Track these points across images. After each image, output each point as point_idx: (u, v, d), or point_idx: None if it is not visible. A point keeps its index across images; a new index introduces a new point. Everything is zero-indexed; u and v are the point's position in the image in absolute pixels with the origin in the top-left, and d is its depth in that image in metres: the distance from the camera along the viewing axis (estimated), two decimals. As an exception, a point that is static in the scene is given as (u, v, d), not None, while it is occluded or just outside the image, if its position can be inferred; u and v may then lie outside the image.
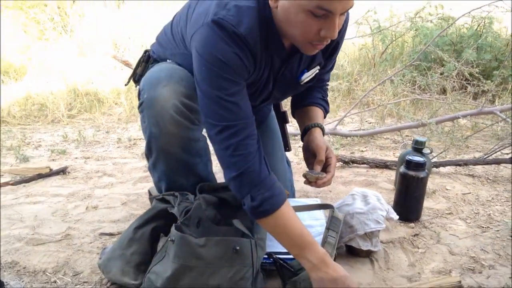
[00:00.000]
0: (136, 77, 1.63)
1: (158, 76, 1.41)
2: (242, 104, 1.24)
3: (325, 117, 1.68)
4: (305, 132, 1.56)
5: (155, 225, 1.42)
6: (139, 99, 1.47)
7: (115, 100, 3.82)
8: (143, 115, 1.42)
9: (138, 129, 3.21)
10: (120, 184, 2.21)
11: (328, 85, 1.74)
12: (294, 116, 1.70)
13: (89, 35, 5.13)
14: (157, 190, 1.55)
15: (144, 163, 2.44)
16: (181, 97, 1.37)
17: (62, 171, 2.36)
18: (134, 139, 2.87)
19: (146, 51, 1.63)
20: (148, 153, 1.48)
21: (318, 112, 1.62)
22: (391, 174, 2.35)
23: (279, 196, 1.27)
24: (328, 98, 1.73)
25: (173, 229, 1.33)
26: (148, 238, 1.41)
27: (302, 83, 1.49)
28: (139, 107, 1.44)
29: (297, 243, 1.29)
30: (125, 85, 1.71)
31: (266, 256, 1.46)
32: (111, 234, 1.71)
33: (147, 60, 1.61)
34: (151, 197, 1.55)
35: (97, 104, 3.73)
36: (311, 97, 1.65)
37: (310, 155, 1.52)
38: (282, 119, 1.92)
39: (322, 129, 1.56)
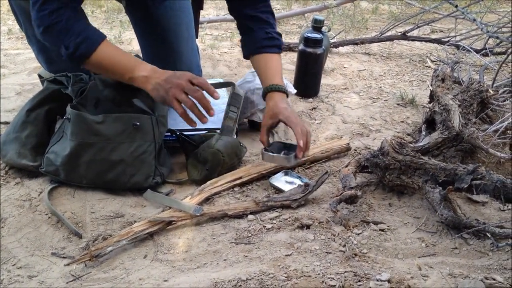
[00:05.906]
0: None
1: None
2: None
3: (281, 50, 1.56)
4: (264, 95, 1.48)
5: (49, 107, 1.38)
6: None
7: (2, -11, 3.45)
8: None
9: (30, 20, 2.94)
10: (14, 75, 2.08)
11: (268, 9, 1.56)
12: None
13: None
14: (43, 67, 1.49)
15: (39, 53, 2.30)
16: None
17: None
18: (27, 30, 2.65)
19: None
20: (16, 20, 1.47)
21: (272, 62, 1.51)
22: (294, 56, 2.40)
23: (92, 37, 1.26)
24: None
25: (68, 108, 1.30)
26: (43, 120, 1.37)
27: None
28: None
29: (126, 67, 1.29)
30: None
31: (169, 134, 1.49)
32: (6, 123, 1.63)
33: None
34: (42, 80, 1.48)
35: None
36: (255, 41, 1.52)
37: (269, 121, 1.44)
38: (197, 4, 1.85)
39: (283, 91, 1.46)
